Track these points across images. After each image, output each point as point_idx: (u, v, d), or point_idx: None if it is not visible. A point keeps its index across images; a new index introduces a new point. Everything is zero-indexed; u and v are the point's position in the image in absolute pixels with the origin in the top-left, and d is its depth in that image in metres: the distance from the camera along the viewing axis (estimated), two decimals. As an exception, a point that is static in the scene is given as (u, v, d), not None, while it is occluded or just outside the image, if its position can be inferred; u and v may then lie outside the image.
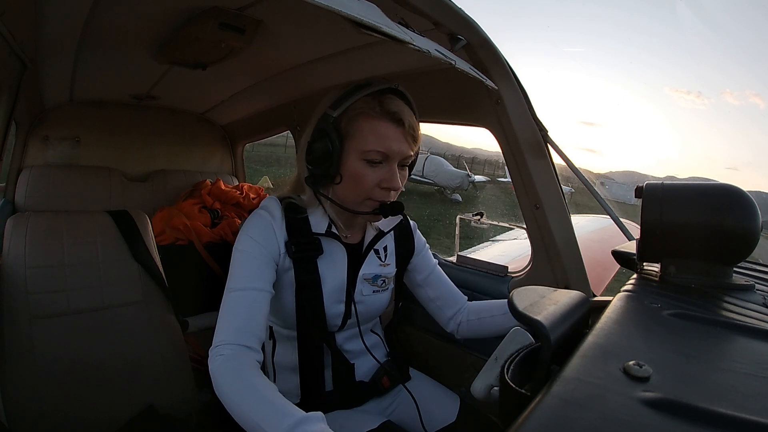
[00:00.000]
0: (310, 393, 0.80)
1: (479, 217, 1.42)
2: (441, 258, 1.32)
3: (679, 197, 0.61)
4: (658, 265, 0.65)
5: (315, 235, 0.78)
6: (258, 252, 0.74)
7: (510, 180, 1.04)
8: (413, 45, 0.56)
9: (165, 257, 1.26)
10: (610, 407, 0.30)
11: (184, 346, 1.19)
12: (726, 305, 0.53)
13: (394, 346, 0.95)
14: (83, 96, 1.49)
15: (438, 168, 11.66)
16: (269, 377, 0.86)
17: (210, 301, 0.63)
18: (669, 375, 0.35)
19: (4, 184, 1.38)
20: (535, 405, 0.30)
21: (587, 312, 0.53)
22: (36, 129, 1.44)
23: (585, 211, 3.18)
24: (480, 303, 0.94)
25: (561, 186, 1.00)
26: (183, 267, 1.45)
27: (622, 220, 1.01)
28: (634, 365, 0.34)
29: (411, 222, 0.95)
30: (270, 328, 0.85)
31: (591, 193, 1.00)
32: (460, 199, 11.88)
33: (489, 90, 0.91)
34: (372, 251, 0.85)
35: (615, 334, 0.42)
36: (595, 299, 0.98)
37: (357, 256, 0.83)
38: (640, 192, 0.65)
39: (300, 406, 0.79)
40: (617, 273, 1.75)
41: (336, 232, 0.80)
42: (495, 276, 1.19)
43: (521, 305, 0.44)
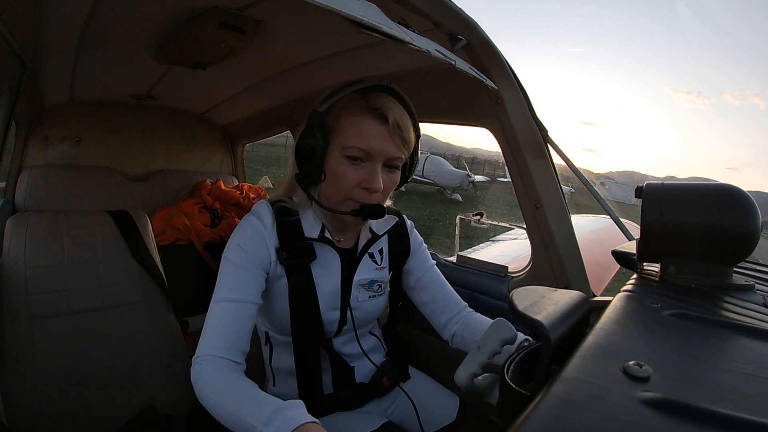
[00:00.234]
0: (308, 396, 0.79)
1: (479, 217, 1.42)
2: (441, 258, 1.32)
3: (679, 197, 0.61)
4: (658, 265, 0.65)
5: (308, 240, 0.76)
6: (246, 261, 0.71)
7: (510, 180, 1.04)
8: (413, 45, 0.56)
9: (165, 257, 1.26)
10: (610, 407, 0.30)
11: (184, 346, 1.19)
12: (726, 305, 0.53)
13: (393, 345, 0.95)
14: (83, 96, 1.49)
15: (438, 168, 11.66)
16: (268, 381, 0.86)
17: (210, 301, 0.62)
18: (669, 375, 0.35)
19: (4, 183, 1.38)
20: (535, 405, 0.30)
21: (587, 312, 0.53)
22: (36, 129, 1.44)
23: (585, 211, 3.18)
24: (477, 319, 0.87)
25: (561, 186, 1.00)
26: (183, 267, 1.45)
27: (622, 220, 1.01)
28: (634, 365, 0.34)
29: (408, 222, 0.92)
30: (266, 333, 0.84)
31: (591, 193, 1.00)
32: (460, 199, 11.89)
33: (489, 90, 0.91)
34: (366, 255, 0.82)
35: (615, 334, 0.42)
36: (595, 299, 0.98)
37: (351, 261, 0.81)
38: (640, 192, 0.65)
39: None
40: (617, 273, 1.75)
41: (329, 236, 0.77)
42: (495, 276, 1.19)
43: (521, 305, 0.44)
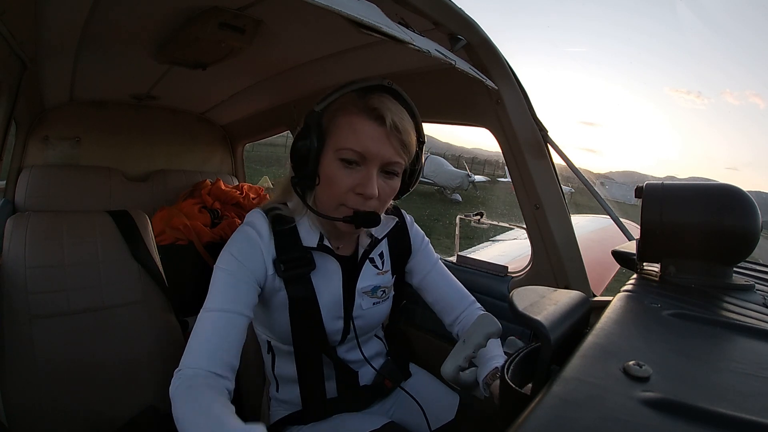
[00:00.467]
0: (311, 402, 0.78)
1: (479, 217, 1.42)
2: (441, 258, 1.32)
3: (679, 197, 0.61)
4: (658, 265, 0.65)
5: (306, 249, 0.73)
6: (239, 271, 0.67)
7: (510, 180, 1.04)
8: (413, 45, 0.56)
9: (165, 257, 1.26)
10: (609, 407, 0.30)
11: (183, 346, 1.18)
12: (726, 305, 0.53)
13: (394, 345, 0.95)
14: (83, 96, 1.49)
15: (438, 168, 11.66)
16: (271, 387, 0.85)
17: None
18: (669, 375, 0.35)
19: (4, 183, 1.38)
20: (535, 405, 0.30)
21: (587, 312, 0.53)
22: (36, 129, 1.44)
23: (585, 211, 3.18)
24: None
25: (561, 186, 1.00)
26: (183, 267, 1.45)
27: (622, 220, 1.01)
28: (634, 365, 0.34)
29: (407, 218, 0.89)
30: (268, 342, 0.81)
31: (591, 193, 1.00)
32: (460, 199, 11.89)
33: (489, 90, 0.91)
34: (367, 261, 0.80)
35: (615, 334, 0.42)
36: (595, 299, 0.98)
37: (352, 268, 0.78)
38: (640, 192, 0.65)
39: (301, 414, 0.78)
40: (617, 273, 1.75)
41: (328, 244, 0.74)
42: (495, 276, 1.19)
43: (521, 305, 0.44)
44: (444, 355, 0.67)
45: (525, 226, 1.05)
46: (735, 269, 0.65)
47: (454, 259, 1.31)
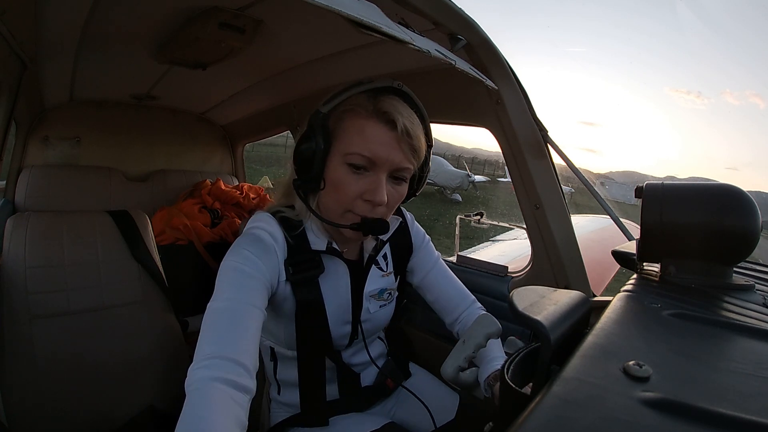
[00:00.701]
0: (311, 406, 0.77)
1: (479, 217, 1.42)
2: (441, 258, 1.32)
3: (679, 197, 0.61)
4: (658, 265, 0.65)
5: (315, 252, 0.71)
6: (256, 271, 0.62)
7: (510, 180, 1.04)
8: (413, 45, 0.56)
9: (165, 257, 1.26)
10: (609, 407, 0.30)
11: (184, 346, 1.19)
12: (726, 305, 0.53)
13: (394, 344, 0.95)
14: (83, 96, 1.49)
15: (438, 168, 11.66)
16: (272, 390, 0.84)
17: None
18: (669, 375, 0.35)
19: (4, 183, 1.38)
20: (535, 405, 0.30)
21: (587, 312, 0.53)
22: (36, 129, 1.44)
23: (585, 211, 3.18)
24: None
25: (561, 186, 1.00)
26: (183, 267, 1.45)
27: (622, 220, 1.01)
28: (634, 365, 0.34)
29: (407, 215, 0.88)
30: (271, 348, 0.79)
31: (591, 193, 1.00)
32: (460, 199, 11.89)
33: (489, 90, 0.91)
34: (372, 264, 0.78)
35: (615, 334, 0.42)
36: (595, 299, 0.98)
37: (358, 272, 0.76)
38: (640, 192, 0.65)
39: (300, 416, 0.78)
40: (617, 273, 1.75)
41: (337, 248, 0.72)
42: (495, 276, 1.19)
43: (521, 305, 0.44)
44: (444, 355, 0.67)
45: (525, 226, 1.05)
46: (735, 269, 0.65)
47: (454, 259, 1.31)
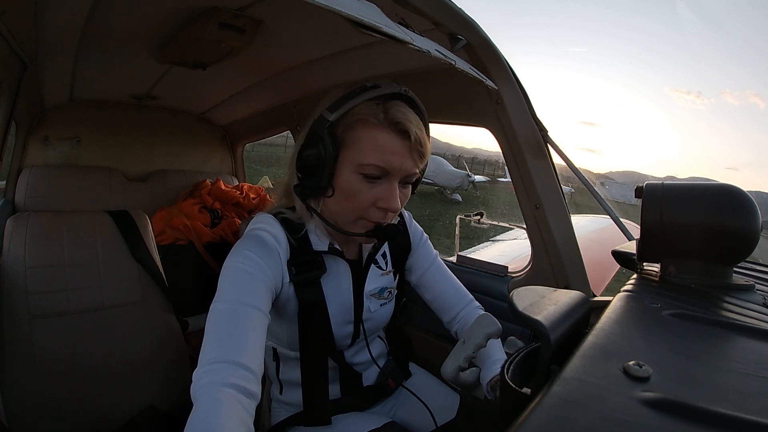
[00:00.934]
0: (313, 405, 0.77)
1: (479, 217, 1.42)
2: (441, 258, 1.32)
3: (679, 197, 0.61)
4: (658, 265, 0.65)
5: (317, 253, 0.71)
6: (259, 272, 0.62)
7: (510, 180, 1.04)
8: (413, 45, 0.56)
9: (165, 257, 1.26)
10: (609, 407, 0.30)
11: (184, 346, 1.19)
12: (726, 305, 0.53)
13: (394, 344, 0.95)
14: (83, 96, 1.49)
15: (438, 168, 11.67)
16: (273, 389, 0.85)
17: (210, 301, 0.61)
18: (669, 375, 0.35)
19: (4, 183, 1.38)
20: (535, 405, 0.30)
21: (587, 312, 0.53)
22: (36, 129, 1.44)
23: (585, 211, 3.18)
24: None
25: (561, 186, 1.00)
26: (183, 267, 1.45)
27: (622, 220, 1.01)
28: (634, 365, 0.34)
29: (405, 214, 0.88)
30: (273, 349, 0.80)
31: (591, 193, 1.00)
32: (460, 199, 11.90)
33: (489, 90, 0.91)
34: (372, 263, 0.79)
35: (615, 334, 0.42)
36: (595, 299, 0.98)
37: (358, 271, 0.77)
38: (640, 192, 0.65)
39: (303, 416, 0.78)
40: (617, 273, 1.75)
41: (338, 248, 0.73)
42: (495, 276, 1.19)
43: (521, 305, 0.44)
44: (444, 355, 0.67)
45: (525, 226, 1.05)
46: (735, 269, 0.65)
47: (454, 259, 1.31)
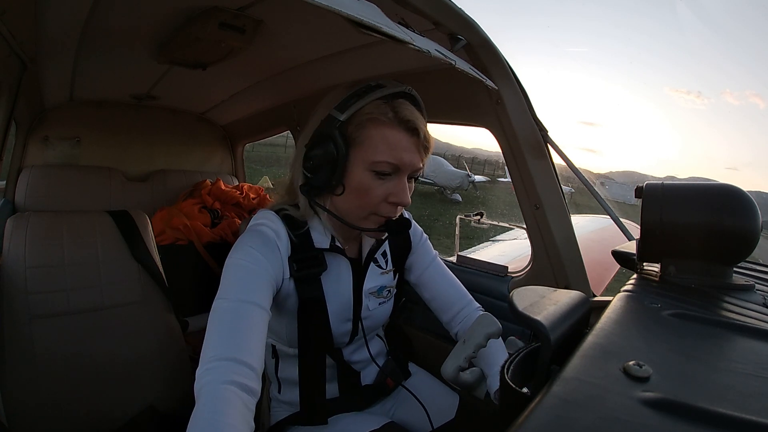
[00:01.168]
0: (310, 404, 0.78)
1: (479, 217, 1.42)
2: (441, 258, 1.32)
3: (679, 197, 0.61)
4: (658, 265, 0.65)
5: (318, 250, 0.72)
6: (260, 268, 0.64)
7: (510, 180, 1.04)
8: (413, 45, 0.56)
9: (165, 257, 1.26)
10: (609, 407, 0.30)
11: (184, 346, 1.19)
12: (726, 305, 0.53)
13: (394, 344, 0.95)
14: (83, 96, 1.49)
15: (438, 168, 11.67)
16: (272, 389, 0.85)
17: (210, 301, 0.61)
18: (669, 375, 0.35)
19: (4, 183, 1.38)
20: (535, 405, 0.30)
21: (587, 312, 0.53)
22: (36, 129, 1.44)
23: (585, 211, 3.18)
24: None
25: (561, 186, 1.00)
26: (183, 267, 1.45)
27: (622, 220, 1.01)
28: (634, 365, 0.34)
29: (405, 212, 0.88)
30: (273, 346, 0.80)
31: (591, 193, 1.00)
32: (460, 199, 11.89)
33: (489, 90, 0.91)
34: (372, 261, 0.80)
35: (615, 334, 0.42)
36: (595, 299, 0.98)
37: (358, 269, 0.78)
38: (640, 192, 0.65)
39: (300, 415, 0.78)
40: (617, 273, 1.75)
41: (340, 245, 0.75)
42: (495, 276, 1.19)
43: (521, 305, 0.44)
44: (444, 355, 0.67)
45: (525, 226, 1.05)
46: (735, 269, 0.65)
47: (454, 259, 1.31)
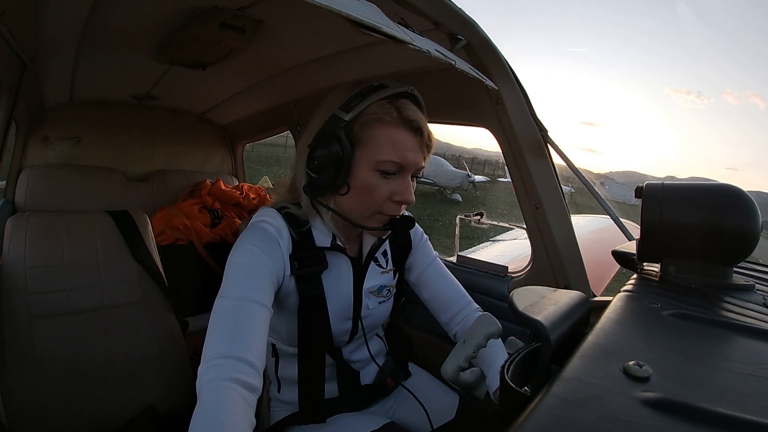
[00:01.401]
0: (309, 403, 0.78)
1: (479, 217, 1.42)
2: (441, 258, 1.32)
3: (679, 197, 0.61)
4: (658, 265, 0.65)
5: (320, 248, 0.73)
6: (261, 265, 0.64)
7: (510, 180, 1.04)
8: (413, 45, 0.56)
9: (165, 257, 1.26)
10: (610, 407, 0.30)
11: (184, 346, 1.19)
12: (726, 305, 0.53)
13: (393, 343, 0.95)
14: (83, 96, 1.49)
15: (438, 168, 11.66)
16: (272, 388, 0.85)
17: (210, 301, 0.61)
18: (669, 375, 0.35)
19: (4, 183, 1.38)
20: (535, 405, 0.30)
21: (587, 312, 0.53)
22: (36, 129, 1.44)
23: (585, 211, 3.18)
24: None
25: (561, 186, 1.00)
26: (183, 267, 1.45)
27: (622, 220, 1.01)
28: (634, 365, 0.34)
29: (405, 213, 0.91)
30: (272, 345, 0.81)
31: (591, 193, 1.00)
32: (460, 199, 11.89)
33: (489, 90, 0.91)
34: (372, 260, 0.80)
35: (615, 334, 0.42)
36: (595, 299, 0.98)
37: (358, 268, 0.78)
38: (640, 192, 0.64)
39: (298, 415, 0.78)
40: (617, 273, 1.75)
41: (341, 244, 0.75)
42: (495, 276, 1.19)
43: (521, 305, 0.44)
44: (443, 355, 0.67)
45: (525, 226, 1.05)
46: (735, 269, 0.64)
47: (454, 259, 1.31)
